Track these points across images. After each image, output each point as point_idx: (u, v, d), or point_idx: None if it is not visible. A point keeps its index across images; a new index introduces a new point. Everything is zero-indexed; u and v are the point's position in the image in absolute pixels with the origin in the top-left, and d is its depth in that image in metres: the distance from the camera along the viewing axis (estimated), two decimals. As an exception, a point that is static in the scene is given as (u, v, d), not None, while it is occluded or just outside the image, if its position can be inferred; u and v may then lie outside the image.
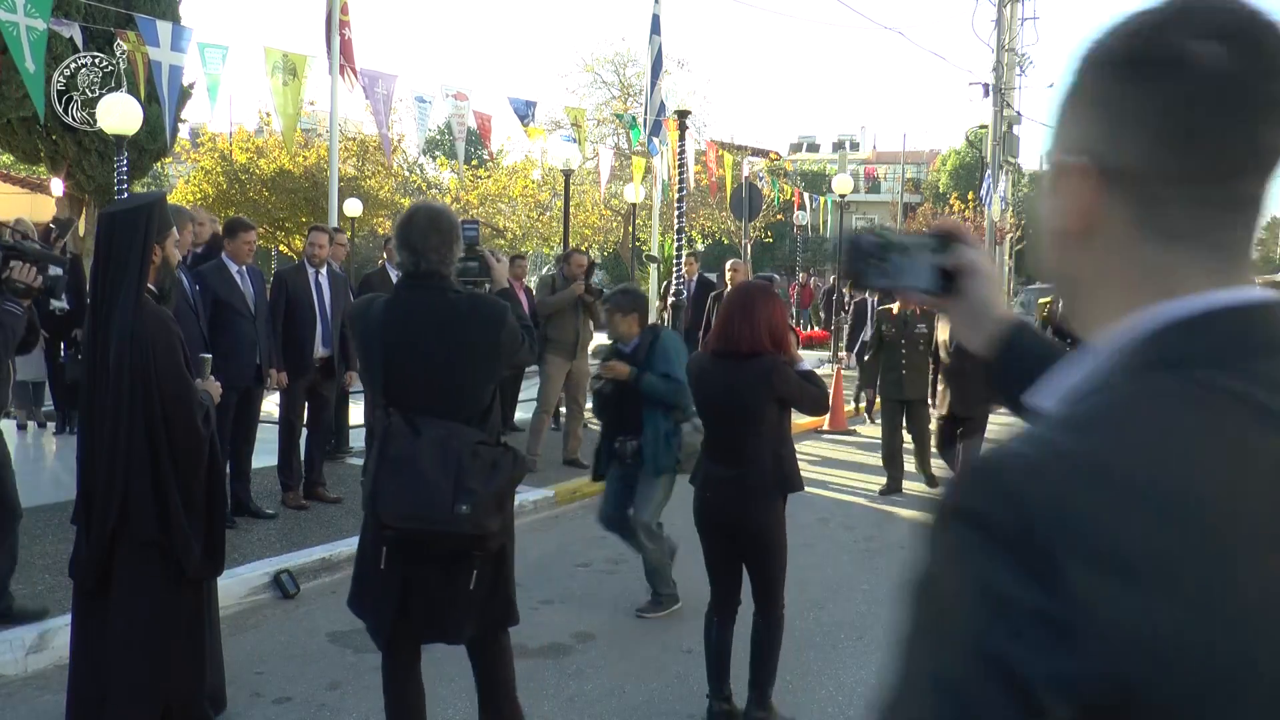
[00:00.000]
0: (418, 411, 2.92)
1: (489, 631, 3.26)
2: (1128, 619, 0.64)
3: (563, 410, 9.19)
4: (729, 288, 7.65)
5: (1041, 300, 12.67)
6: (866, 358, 8.75)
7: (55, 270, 4.22)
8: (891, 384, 8.12)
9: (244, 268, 6.41)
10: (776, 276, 16.21)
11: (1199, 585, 0.65)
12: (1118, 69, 0.78)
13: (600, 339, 8.80)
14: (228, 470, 6.03)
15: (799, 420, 7.23)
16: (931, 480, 8.22)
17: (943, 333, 7.42)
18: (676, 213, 12.26)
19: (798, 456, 7.09)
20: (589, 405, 7.59)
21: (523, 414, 10.87)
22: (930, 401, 7.96)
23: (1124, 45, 0.78)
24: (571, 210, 19.83)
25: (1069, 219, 0.83)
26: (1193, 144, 0.76)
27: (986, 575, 0.66)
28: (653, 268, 19.07)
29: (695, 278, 11.73)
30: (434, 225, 3.06)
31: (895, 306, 7.95)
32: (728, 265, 10.47)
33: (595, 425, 9.45)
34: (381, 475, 2.87)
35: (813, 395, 3.85)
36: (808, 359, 7.24)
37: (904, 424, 8.20)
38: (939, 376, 7.64)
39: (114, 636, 3.30)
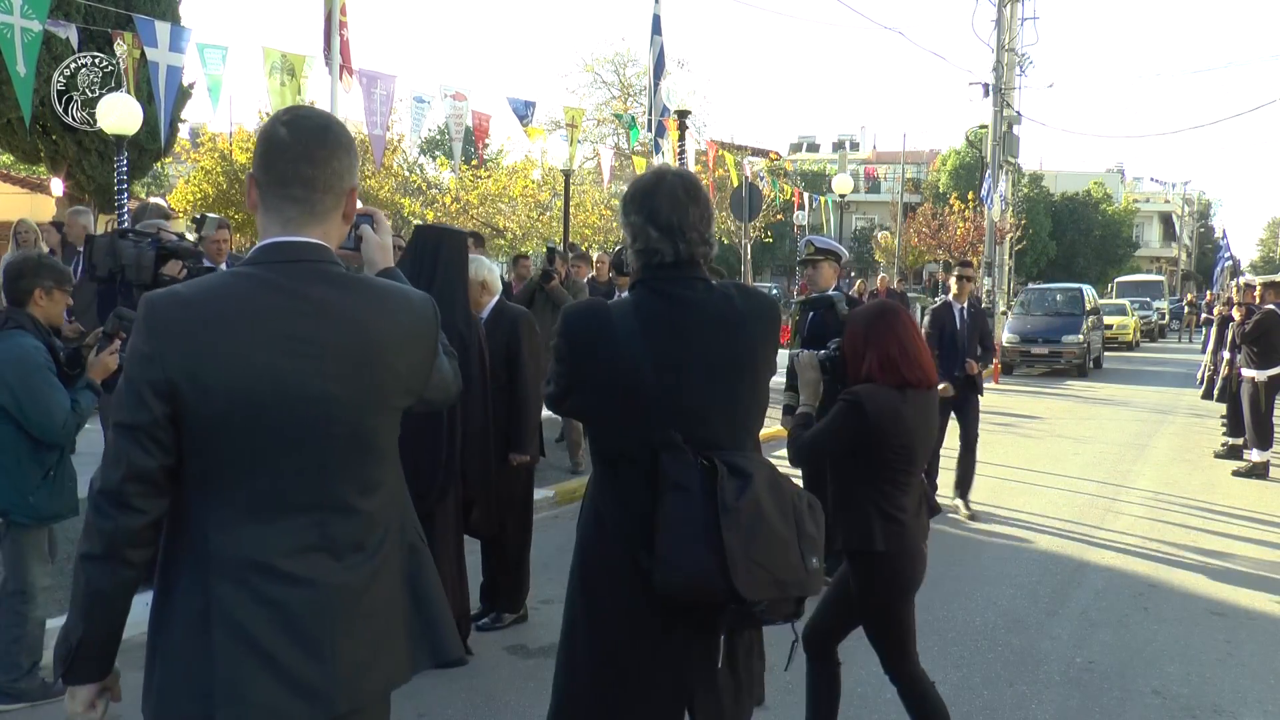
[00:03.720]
0: (709, 447, 2.22)
1: None
2: (173, 356, 1.66)
3: None
4: None
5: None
6: None
7: (201, 265, 4.96)
8: None
9: (219, 267, 6.35)
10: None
11: (198, 345, 1.67)
12: (260, 130, 1.89)
13: None
14: None
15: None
16: None
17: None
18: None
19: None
20: None
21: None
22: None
23: (267, 121, 1.89)
24: (571, 210, 19.84)
25: (249, 199, 1.85)
26: (268, 169, 1.81)
27: (133, 342, 1.70)
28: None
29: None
30: (691, 192, 2.34)
31: None
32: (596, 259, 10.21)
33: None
34: (737, 539, 2.12)
35: None
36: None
37: None
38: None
39: None
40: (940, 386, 6.96)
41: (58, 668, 1.73)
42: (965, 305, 7.91)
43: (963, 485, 7.67)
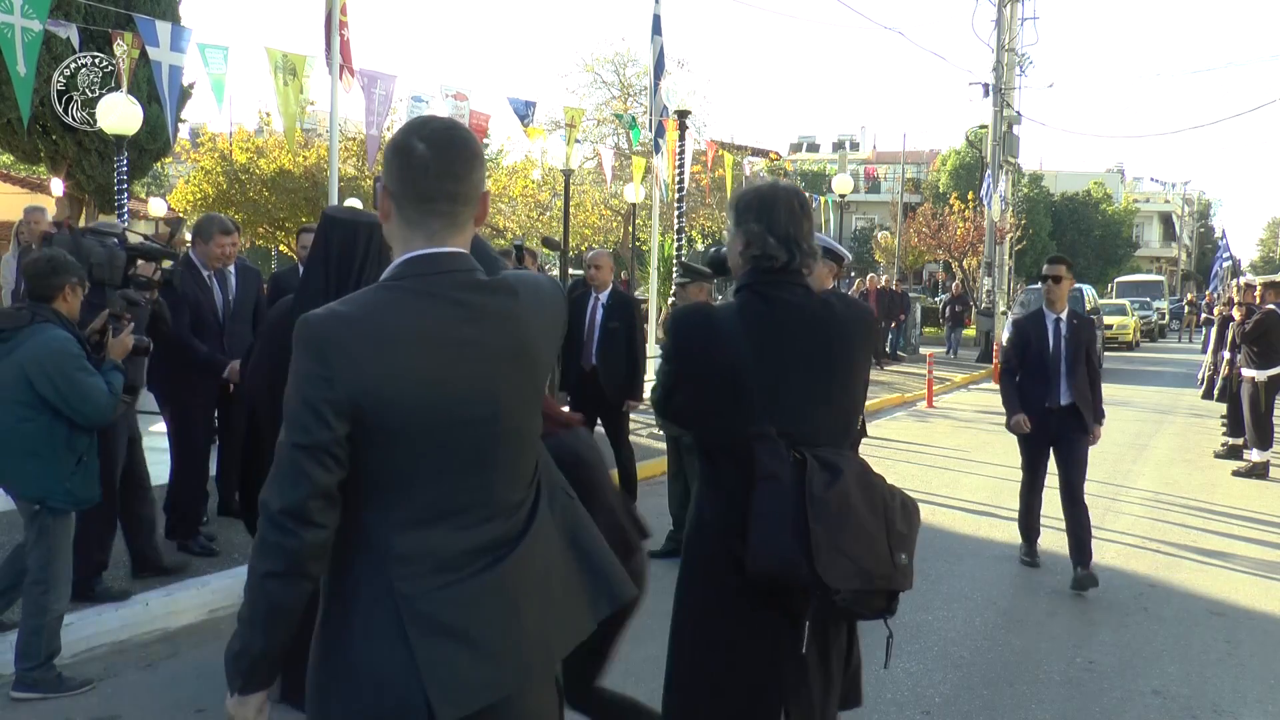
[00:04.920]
0: (804, 443, 2.34)
1: None
2: (350, 374, 1.68)
3: None
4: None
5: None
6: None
7: (170, 264, 5.20)
8: None
9: (216, 271, 6.24)
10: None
11: (371, 361, 1.69)
12: (392, 143, 1.86)
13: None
14: (213, 470, 6.12)
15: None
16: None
17: None
18: (676, 213, 12.27)
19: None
20: None
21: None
22: None
23: (398, 133, 1.87)
24: (571, 210, 19.86)
25: (380, 211, 1.89)
26: (409, 185, 1.81)
27: (300, 364, 1.71)
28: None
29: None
30: (804, 206, 2.53)
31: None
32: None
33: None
34: (823, 528, 2.24)
35: None
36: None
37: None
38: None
39: None
40: (1016, 420, 6.09)
41: (235, 681, 1.78)
42: (1063, 316, 6.08)
43: (1078, 549, 5.90)
